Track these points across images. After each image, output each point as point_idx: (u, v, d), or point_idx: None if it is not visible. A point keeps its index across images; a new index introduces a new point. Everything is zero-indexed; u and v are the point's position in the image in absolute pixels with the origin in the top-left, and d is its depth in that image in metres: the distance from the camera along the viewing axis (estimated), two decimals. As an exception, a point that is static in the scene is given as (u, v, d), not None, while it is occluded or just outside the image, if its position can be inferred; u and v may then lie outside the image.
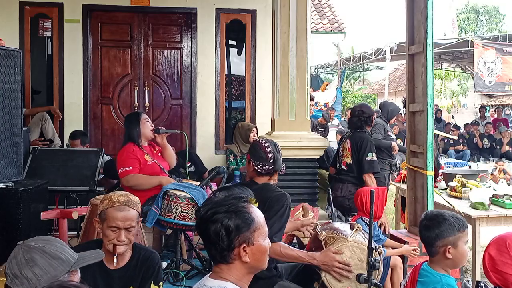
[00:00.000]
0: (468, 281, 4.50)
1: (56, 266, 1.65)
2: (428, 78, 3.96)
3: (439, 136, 11.79)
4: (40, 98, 7.00)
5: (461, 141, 13.35)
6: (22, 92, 3.70)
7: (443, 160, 10.76)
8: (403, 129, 7.89)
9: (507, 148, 12.71)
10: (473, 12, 38.82)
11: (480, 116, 16.40)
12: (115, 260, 2.42)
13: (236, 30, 7.20)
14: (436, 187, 5.03)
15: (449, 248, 2.29)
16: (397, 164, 6.26)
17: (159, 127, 4.34)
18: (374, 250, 2.64)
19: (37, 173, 4.42)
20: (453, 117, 22.31)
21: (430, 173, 3.99)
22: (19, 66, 3.63)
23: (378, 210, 3.71)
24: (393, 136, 6.93)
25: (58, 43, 6.61)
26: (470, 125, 14.65)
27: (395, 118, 7.93)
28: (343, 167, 4.78)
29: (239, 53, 7.73)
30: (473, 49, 13.25)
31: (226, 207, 1.74)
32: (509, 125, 15.81)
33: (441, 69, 22.40)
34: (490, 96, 24.60)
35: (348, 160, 4.75)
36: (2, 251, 3.22)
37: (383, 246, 3.48)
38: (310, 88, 7.41)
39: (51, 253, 1.67)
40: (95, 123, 6.82)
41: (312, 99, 10.86)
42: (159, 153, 4.31)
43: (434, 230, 2.31)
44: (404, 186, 4.70)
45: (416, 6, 4.19)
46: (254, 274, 1.82)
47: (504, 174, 8.81)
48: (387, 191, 6.14)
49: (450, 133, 12.83)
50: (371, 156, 4.61)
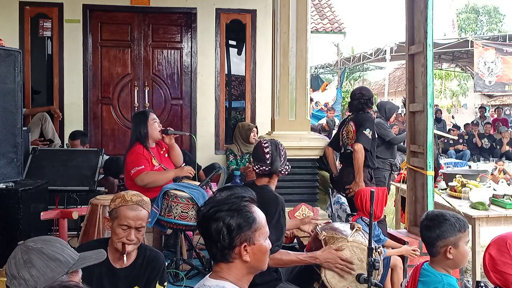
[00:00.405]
0: (468, 281, 4.50)
1: (54, 267, 1.64)
2: (428, 78, 3.96)
3: (442, 137, 11.79)
4: (40, 98, 7.00)
5: (461, 141, 13.34)
6: (22, 92, 3.70)
7: (443, 160, 10.76)
8: (403, 129, 7.88)
9: (507, 148, 12.70)
10: (473, 12, 38.82)
11: (480, 116, 16.38)
12: (125, 258, 2.43)
13: (236, 30, 7.20)
14: (436, 187, 5.03)
15: (450, 248, 2.29)
16: (397, 163, 6.26)
17: (168, 128, 4.31)
18: (374, 250, 2.64)
19: (37, 173, 4.41)
20: (453, 117, 22.30)
21: (430, 173, 3.99)
22: (19, 66, 3.63)
23: (378, 210, 3.71)
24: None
25: (58, 43, 6.61)
26: (470, 125, 14.65)
27: (395, 117, 7.93)
28: (351, 150, 4.69)
29: (239, 53, 7.73)
30: (473, 49, 13.24)
31: (228, 205, 1.74)
32: (509, 125, 15.80)
33: (441, 69, 22.40)
34: (490, 96, 24.61)
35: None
36: (2, 251, 3.23)
37: (383, 246, 3.48)
38: (310, 88, 7.41)
39: (49, 254, 1.65)
40: (95, 123, 6.82)
41: (311, 100, 10.86)
42: (166, 153, 4.30)
43: (435, 230, 2.31)
44: (404, 186, 4.70)
45: (416, 6, 4.19)
46: (253, 281, 1.82)
47: (504, 174, 8.80)
48: (389, 190, 6.14)
49: (450, 133, 12.82)
50: (368, 132, 4.48)
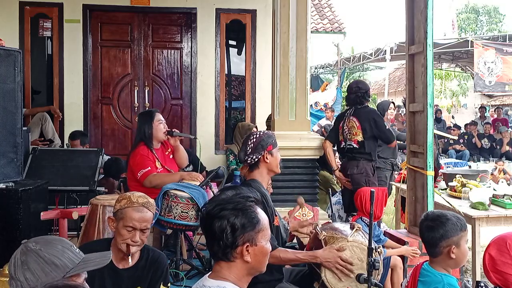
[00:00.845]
0: (468, 281, 4.49)
1: (48, 271, 1.58)
2: (428, 78, 3.96)
3: (442, 137, 11.78)
4: (40, 98, 7.00)
5: (461, 141, 13.33)
6: (22, 92, 3.70)
7: (443, 160, 10.75)
8: (403, 129, 7.88)
9: (507, 148, 12.69)
10: (473, 12, 38.80)
11: (480, 116, 16.38)
12: (129, 260, 2.43)
13: (236, 30, 7.20)
14: (436, 187, 5.03)
15: (453, 248, 2.29)
16: (399, 163, 6.26)
17: (173, 130, 4.27)
18: (374, 250, 2.63)
19: (37, 173, 4.41)
20: (453, 117, 22.28)
21: (430, 173, 3.99)
22: (19, 66, 3.63)
23: (377, 210, 3.71)
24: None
25: (58, 43, 6.61)
26: (469, 125, 14.64)
27: (395, 117, 7.93)
28: (354, 145, 4.72)
29: (239, 53, 7.74)
30: (473, 49, 13.22)
31: (234, 204, 1.75)
32: (509, 125, 15.79)
33: (441, 69, 22.39)
34: (490, 96, 24.60)
35: (359, 138, 4.70)
36: (2, 251, 3.23)
37: (383, 246, 3.48)
38: (310, 88, 7.41)
39: (45, 258, 1.59)
40: (95, 123, 6.82)
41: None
42: (171, 154, 4.29)
43: (438, 230, 2.30)
44: (404, 186, 4.70)
45: (416, 6, 4.18)
46: (255, 278, 1.82)
47: (504, 174, 8.80)
48: (391, 191, 6.14)
49: (450, 133, 12.81)
50: (385, 125, 4.83)
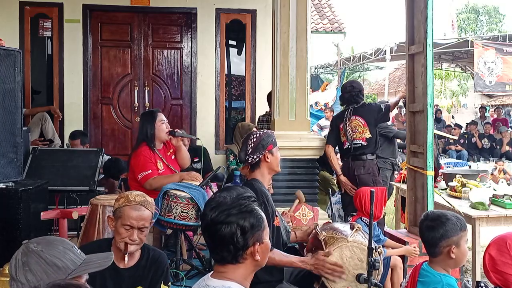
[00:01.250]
0: (468, 281, 4.49)
1: (50, 273, 1.56)
2: (428, 78, 3.96)
3: (442, 137, 11.77)
4: (40, 98, 7.00)
5: (461, 141, 13.33)
6: (22, 92, 3.70)
7: (443, 160, 10.75)
8: (403, 128, 7.89)
9: (507, 148, 12.69)
10: (473, 12, 38.78)
11: (480, 116, 16.38)
12: (126, 258, 2.43)
13: (236, 30, 7.20)
14: (436, 187, 5.03)
15: (453, 247, 2.29)
16: (399, 162, 6.26)
17: (175, 130, 4.25)
18: (374, 250, 2.64)
19: (37, 173, 4.41)
20: (453, 117, 22.27)
21: (430, 173, 3.99)
22: (19, 66, 3.63)
23: (377, 210, 3.71)
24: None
25: (58, 43, 6.61)
26: (469, 125, 14.64)
27: (395, 117, 7.93)
28: (363, 143, 4.73)
29: (239, 53, 7.73)
30: (473, 49, 13.21)
31: (239, 207, 1.75)
32: (509, 125, 15.79)
33: (441, 69, 22.37)
34: (490, 96, 24.59)
35: (367, 135, 4.73)
36: (2, 251, 3.23)
37: (383, 246, 3.48)
38: (310, 88, 7.41)
39: (47, 259, 1.58)
40: (95, 123, 6.82)
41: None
42: (173, 155, 4.28)
43: (438, 230, 2.30)
44: (404, 186, 4.69)
45: (416, 6, 4.18)
46: (254, 278, 1.83)
47: (504, 174, 8.79)
48: (391, 191, 6.14)
49: (450, 132, 12.81)
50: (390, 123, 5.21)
